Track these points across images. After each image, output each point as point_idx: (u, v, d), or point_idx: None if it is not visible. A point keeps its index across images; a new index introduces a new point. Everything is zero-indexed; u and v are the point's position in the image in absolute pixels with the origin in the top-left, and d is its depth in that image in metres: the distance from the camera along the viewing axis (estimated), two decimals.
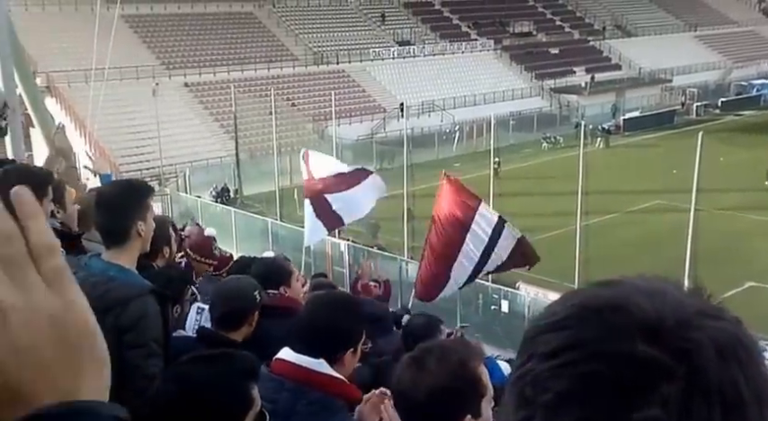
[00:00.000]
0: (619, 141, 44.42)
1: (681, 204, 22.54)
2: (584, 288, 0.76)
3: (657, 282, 0.74)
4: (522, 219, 27.71)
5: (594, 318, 0.70)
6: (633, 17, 71.77)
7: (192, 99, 42.93)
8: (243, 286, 3.75)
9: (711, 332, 0.69)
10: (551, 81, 56.54)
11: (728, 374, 0.67)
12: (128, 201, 3.12)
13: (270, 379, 2.71)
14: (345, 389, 2.73)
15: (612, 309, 0.70)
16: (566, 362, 0.69)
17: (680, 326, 0.69)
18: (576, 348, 0.69)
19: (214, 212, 29.26)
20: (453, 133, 44.20)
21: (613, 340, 0.68)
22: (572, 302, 0.74)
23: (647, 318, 0.69)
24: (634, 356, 0.67)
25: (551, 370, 0.70)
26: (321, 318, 2.82)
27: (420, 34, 58.33)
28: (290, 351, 2.75)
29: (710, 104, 55.39)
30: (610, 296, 0.72)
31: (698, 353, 0.67)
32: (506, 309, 20.16)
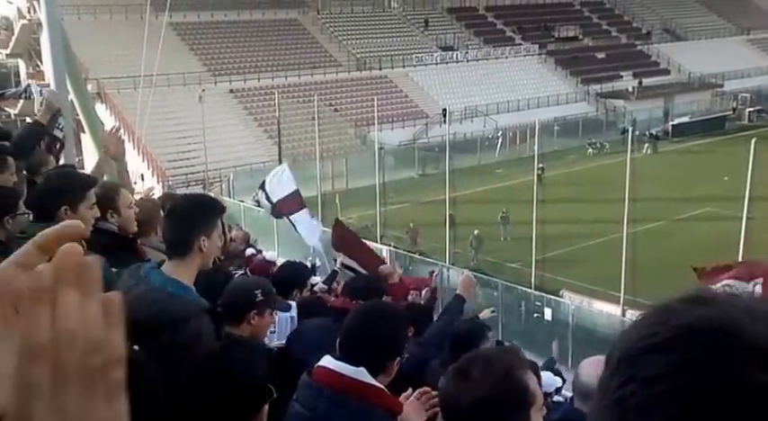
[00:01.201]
0: (667, 147, 43.55)
1: (732, 212, 21.96)
2: (679, 305, 0.71)
3: (754, 301, 0.70)
4: (566, 225, 27.49)
5: (704, 341, 0.66)
6: (682, 20, 70.41)
7: (236, 105, 43.45)
8: (246, 284, 3.88)
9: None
10: (597, 86, 55.77)
11: None
12: (195, 215, 3.13)
13: (309, 386, 2.72)
14: (386, 400, 2.71)
15: (721, 332, 0.66)
16: (677, 388, 0.65)
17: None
18: (687, 373, 0.65)
19: (257, 217, 29.44)
20: (496, 139, 43.87)
21: (727, 366, 0.64)
22: (675, 322, 0.68)
23: (760, 343, 0.65)
24: (751, 384, 0.62)
25: (661, 395, 0.65)
26: (366, 327, 2.84)
27: (463, 39, 58.11)
28: (331, 358, 2.75)
29: (763, 110, 53.89)
30: (716, 317, 0.67)
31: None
32: (549, 316, 19.86)
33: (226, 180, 35.26)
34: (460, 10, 62.15)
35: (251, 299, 3.62)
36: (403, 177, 36.93)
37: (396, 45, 54.41)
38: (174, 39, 44.02)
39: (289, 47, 50.13)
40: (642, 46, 64.53)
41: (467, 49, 56.36)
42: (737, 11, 74.24)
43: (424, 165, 38.59)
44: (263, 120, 41.87)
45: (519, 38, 60.54)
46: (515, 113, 47.41)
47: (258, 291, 3.66)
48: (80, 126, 10.88)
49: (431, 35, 57.43)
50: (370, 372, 2.68)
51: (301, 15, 54.19)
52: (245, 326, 3.58)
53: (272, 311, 3.75)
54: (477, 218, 27.59)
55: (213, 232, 3.10)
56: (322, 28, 53.70)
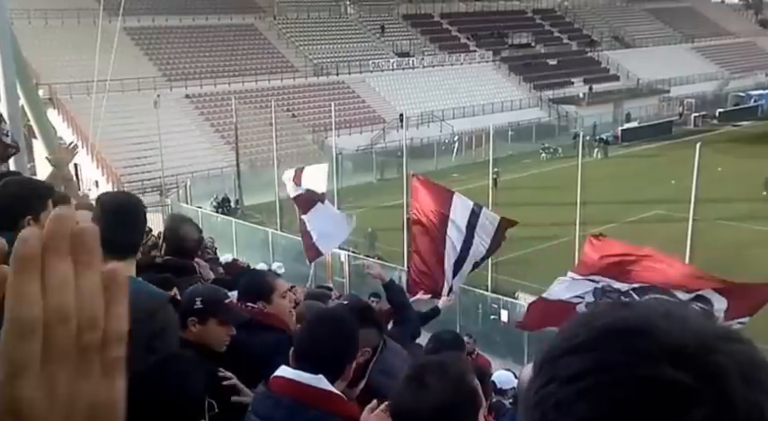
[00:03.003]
0: (617, 152, 44.61)
1: (679, 214, 22.62)
2: (602, 310, 0.76)
3: (673, 305, 0.75)
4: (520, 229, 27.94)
5: (619, 341, 0.69)
6: (631, 28, 72.21)
7: (193, 110, 43.19)
8: (191, 290, 3.83)
9: (734, 356, 0.68)
10: (550, 92, 56.85)
11: (754, 398, 0.66)
12: (140, 216, 3.23)
13: (267, 396, 2.69)
14: (344, 407, 2.69)
15: (636, 333, 0.69)
16: (592, 386, 0.68)
17: (703, 349, 0.68)
18: (602, 372, 0.68)
19: (215, 223, 29.37)
20: (452, 143, 44.40)
21: (640, 364, 0.67)
22: (593, 324, 0.73)
23: (671, 342, 0.68)
24: (660, 380, 0.66)
25: (577, 394, 0.68)
26: (320, 335, 2.81)
27: (419, 46, 58.72)
28: (287, 368, 2.73)
29: (708, 115, 55.55)
30: (632, 319, 0.72)
31: (724, 377, 0.66)
32: (506, 318, 20.18)
33: (183, 186, 35.04)
34: (416, 17, 62.81)
35: (189, 306, 3.57)
36: (361, 182, 37.17)
37: (352, 51, 54.70)
38: (129, 43, 43.58)
39: (245, 52, 50.01)
40: (592, 53, 65.99)
41: (423, 55, 56.99)
42: (683, 19, 76.51)
43: (381, 170, 38.91)
44: (219, 125, 41.71)
45: (473, 45, 61.42)
46: (471, 118, 48.09)
47: (198, 299, 3.59)
48: (32, 132, 10.82)
49: (387, 41, 57.90)
50: (329, 379, 2.67)
51: (258, 21, 54.12)
52: (189, 332, 3.55)
53: (219, 321, 3.60)
54: None
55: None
56: (279, 33, 53.70)
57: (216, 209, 32.97)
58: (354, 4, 60.90)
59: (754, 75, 69.04)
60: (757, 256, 24.99)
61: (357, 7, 60.92)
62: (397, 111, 46.90)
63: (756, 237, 27.11)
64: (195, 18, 50.41)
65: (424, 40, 60.15)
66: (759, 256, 24.95)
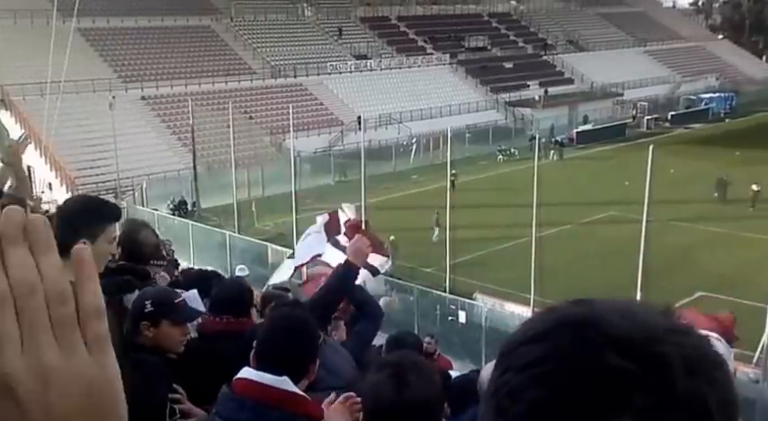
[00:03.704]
0: (572, 154, 45.32)
1: (633, 215, 23.04)
2: (560, 305, 0.79)
3: (629, 302, 0.78)
4: (478, 230, 28.33)
5: (568, 333, 0.73)
6: (584, 32, 73.44)
7: (148, 112, 42.66)
8: (141, 293, 3.80)
9: (681, 348, 0.71)
10: (506, 94, 57.43)
11: (697, 389, 0.69)
12: (79, 219, 3.15)
13: (231, 398, 2.68)
14: (308, 407, 2.69)
15: (587, 324, 0.73)
16: (541, 373, 0.71)
17: (650, 341, 0.71)
18: (551, 360, 0.71)
19: (171, 225, 29.07)
20: (410, 146, 44.62)
21: (586, 352, 0.70)
22: (549, 317, 0.77)
23: (619, 333, 0.71)
24: (606, 368, 0.69)
25: (526, 381, 0.72)
26: (285, 335, 2.81)
27: (377, 48, 58.87)
28: (251, 369, 2.72)
29: (660, 117, 56.72)
30: (585, 313, 0.75)
31: (667, 367, 0.69)
32: (464, 319, 20.30)
33: (138, 188, 34.61)
34: (373, 20, 62.98)
35: (140, 310, 3.56)
36: (319, 184, 37.14)
37: (310, 53, 54.59)
38: (83, 44, 42.88)
39: (202, 54, 49.58)
40: (547, 56, 66.88)
41: (380, 57, 57.18)
42: (635, 24, 78.09)
43: (341, 172, 38.90)
44: (176, 127, 41.27)
45: (430, 47, 61.80)
46: (428, 121, 48.33)
47: (148, 302, 3.56)
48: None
49: (345, 44, 57.93)
50: (293, 379, 2.67)
51: (214, 22, 53.69)
52: (144, 336, 3.53)
53: (172, 323, 3.58)
54: (393, 224, 28.06)
55: (98, 237, 3.09)
56: (236, 35, 53.34)
57: (172, 211, 32.64)
58: (312, 7, 60.81)
59: (705, 78, 70.76)
60: (708, 256, 25.65)
61: (314, 10, 60.84)
62: (356, 114, 47.03)
63: (707, 238, 27.78)
64: (151, 19, 49.81)
65: (382, 42, 60.33)
66: (710, 256, 25.63)
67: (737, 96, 63.92)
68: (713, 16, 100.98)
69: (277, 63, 51.61)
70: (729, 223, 28.68)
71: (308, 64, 52.19)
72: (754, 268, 22.19)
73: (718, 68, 74.34)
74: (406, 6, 67.19)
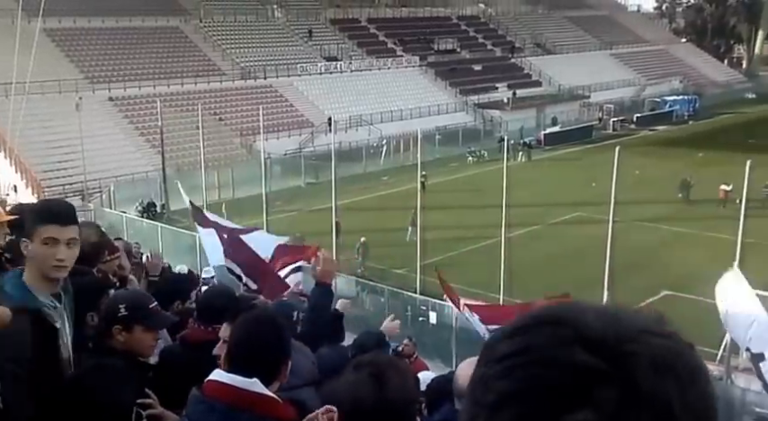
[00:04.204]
0: (540, 155, 45.84)
1: (599, 216, 23.34)
2: (542, 306, 0.84)
3: (610, 305, 0.82)
4: (448, 231, 28.54)
5: (544, 329, 0.77)
6: (551, 35, 74.28)
7: (116, 113, 42.24)
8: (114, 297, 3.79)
9: (651, 347, 0.74)
10: (475, 96, 57.87)
11: (662, 388, 0.71)
12: (23, 221, 3.29)
13: (200, 401, 2.66)
14: (279, 409, 2.67)
15: (561, 323, 0.76)
16: (512, 366, 0.75)
17: (620, 339, 0.74)
18: (523, 353, 0.75)
19: (140, 228, 28.87)
20: (381, 147, 44.76)
21: (555, 348, 0.74)
22: (529, 316, 0.81)
23: (590, 331, 0.75)
24: (571, 362, 0.72)
25: (500, 372, 0.76)
26: (255, 337, 2.79)
27: (347, 50, 58.94)
28: (222, 372, 2.71)
29: (626, 119, 57.61)
30: (562, 312, 0.79)
31: (633, 364, 0.72)
32: (434, 320, 20.40)
33: (106, 190, 34.26)
34: (343, 21, 63.07)
35: (112, 313, 3.53)
36: (290, 186, 37.12)
37: (280, 55, 54.49)
38: (49, 45, 42.41)
39: (170, 55, 49.20)
40: (515, 59, 67.52)
41: (350, 59, 57.26)
42: (601, 27, 79.23)
43: (313, 174, 38.91)
44: (144, 128, 40.92)
45: (400, 50, 62.05)
46: (399, 122, 48.51)
47: (122, 306, 3.52)
48: None
49: (315, 45, 57.91)
50: (264, 381, 2.65)
51: (183, 23, 53.33)
52: (116, 340, 3.50)
53: (145, 328, 3.56)
54: (364, 225, 28.18)
55: (33, 238, 3.11)
56: (205, 36, 53.04)
57: (141, 213, 32.39)
58: (282, 8, 60.70)
59: (669, 81, 72.00)
60: (673, 256, 26.14)
61: (284, 11, 60.74)
62: (326, 115, 47.05)
63: (672, 238, 28.31)
64: (118, 20, 49.30)
65: (352, 44, 60.42)
66: (674, 256, 26.13)
67: (700, 99, 65.15)
68: (676, 20, 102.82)
69: (247, 64, 51.43)
70: (693, 223, 29.27)
71: (278, 65, 52.09)
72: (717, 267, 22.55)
73: (682, 71, 75.70)
74: (376, 8, 67.44)
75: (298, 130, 45.77)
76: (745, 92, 76.21)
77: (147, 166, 37.70)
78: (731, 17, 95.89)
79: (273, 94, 49.51)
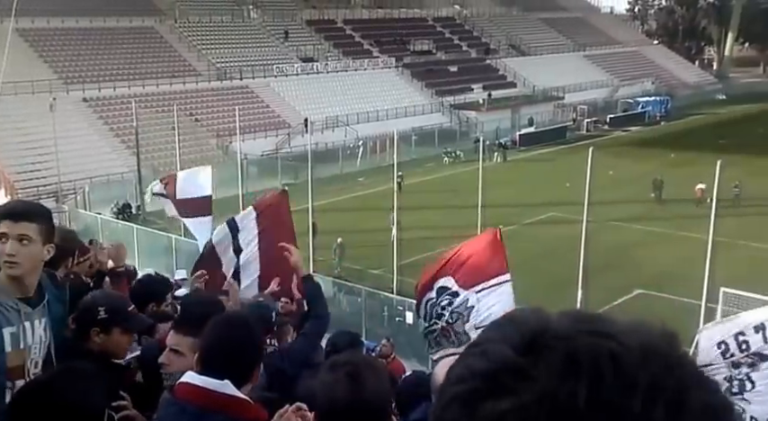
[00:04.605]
0: (516, 156, 46.21)
1: (574, 216, 23.60)
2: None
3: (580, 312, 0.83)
4: (425, 231, 28.67)
5: (493, 327, 0.83)
6: (526, 37, 74.85)
7: (91, 114, 41.90)
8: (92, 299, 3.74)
9: (577, 346, 0.75)
10: (451, 97, 58.17)
11: (572, 388, 0.72)
12: None
13: (171, 403, 2.65)
14: (251, 412, 2.67)
15: (511, 320, 0.82)
16: (461, 359, 0.82)
17: (556, 337, 0.77)
18: (471, 347, 0.82)
19: (115, 229, 28.71)
20: (357, 148, 44.83)
21: (494, 342, 0.79)
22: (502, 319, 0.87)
23: (527, 329, 0.78)
24: (498, 356, 0.77)
25: (456, 364, 0.82)
26: (227, 339, 2.78)
27: (323, 51, 58.97)
28: (194, 374, 2.70)
29: (600, 120, 58.24)
30: (517, 313, 0.84)
31: (545, 361, 0.74)
32: (411, 320, 20.49)
33: (81, 192, 33.99)
34: (319, 22, 63.11)
35: (91, 315, 3.51)
36: (266, 187, 36.89)
37: (256, 55, 54.38)
38: (22, 45, 42.02)
39: (145, 55, 48.89)
40: (490, 60, 67.97)
41: (327, 60, 57.29)
42: (575, 29, 79.99)
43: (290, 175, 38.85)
44: (119, 129, 40.62)
45: (377, 51, 62.22)
46: (375, 123, 48.65)
47: (101, 309, 3.51)
48: None
49: (291, 46, 57.87)
50: (236, 383, 2.65)
51: (158, 24, 53.04)
52: (93, 342, 3.49)
53: (123, 330, 3.56)
54: (340, 226, 28.25)
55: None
56: (180, 37, 52.78)
57: (116, 215, 32.17)
58: (258, 9, 60.58)
59: (641, 82, 72.90)
60: (645, 255, 26.50)
61: (260, 12, 60.63)
62: (302, 116, 47.03)
63: (645, 237, 28.65)
64: (92, 20, 48.92)
65: (328, 45, 60.46)
66: (647, 255, 26.49)
67: (672, 100, 66.07)
68: (648, 22, 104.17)
69: (223, 65, 51.26)
70: (665, 222, 29.69)
71: (255, 66, 51.99)
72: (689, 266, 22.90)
73: (654, 73, 76.69)
74: (352, 10, 67.55)
75: (274, 131, 45.73)
76: (715, 93, 77.33)
77: (122, 167, 37.46)
78: (702, 19, 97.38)
79: (250, 94, 49.40)
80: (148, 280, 6.00)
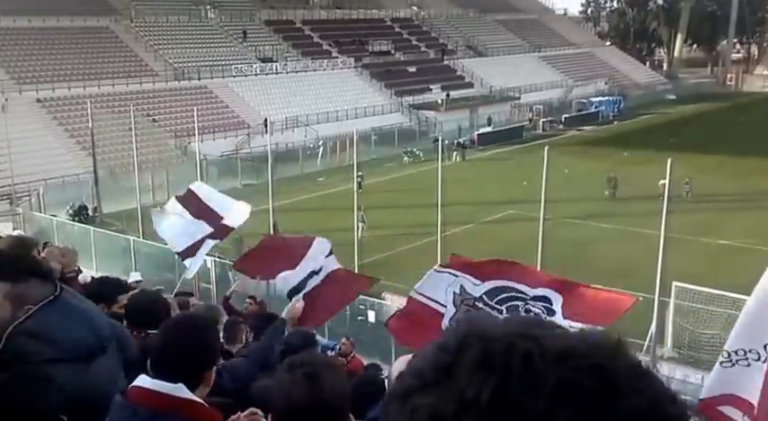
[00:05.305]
0: (474, 155, 46.74)
1: (531, 214, 23.94)
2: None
3: (528, 318, 0.87)
4: (385, 230, 28.91)
5: (453, 328, 0.86)
6: (483, 38, 75.62)
7: (45, 115, 41.20)
8: None
9: (495, 346, 0.78)
10: (410, 98, 58.54)
11: (477, 382, 0.75)
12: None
13: (123, 406, 2.61)
14: (204, 414, 2.66)
15: (459, 323, 0.86)
16: (412, 357, 0.91)
17: (480, 338, 0.80)
18: (424, 347, 0.87)
19: (71, 232, 28.26)
20: (317, 148, 44.88)
21: (438, 343, 0.83)
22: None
23: (464, 330, 0.82)
24: (435, 355, 0.81)
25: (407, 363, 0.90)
26: (178, 342, 2.76)
27: (282, 51, 58.84)
28: (147, 377, 2.67)
29: (555, 120, 59.14)
30: (471, 316, 0.91)
31: (466, 358, 0.78)
32: (373, 319, 20.61)
33: (35, 194, 33.41)
34: (278, 23, 62.92)
35: None
36: (226, 187, 36.46)
37: (215, 55, 54.00)
38: None
39: (101, 55, 48.20)
40: (448, 61, 68.52)
41: (286, 60, 57.18)
42: (530, 30, 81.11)
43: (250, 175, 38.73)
44: (74, 130, 40.03)
45: (336, 51, 62.28)
46: (335, 123, 48.75)
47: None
48: None
49: (250, 46, 57.61)
50: (189, 386, 2.63)
51: (113, 23, 52.32)
52: None
53: None
54: (302, 226, 28.27)
55: None
56: (136, 36, 52.15)
57: (72, 217, 31.69)
58: (215, 9, 60.15)
59: (595, 83, 74.18)
60: (601, 251, 27.11)
61: (218, 12, 60.22)
62: (262, 117, 46.85)
63: (599, 234, 29.29)
64: (46, 19, 48.07)
65: (287, 45, 60.33)
66: (602, 251, 27.11)
67: (624, 100, 67.42)
68: (601, 24, 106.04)
69: (180, 65, 50.80)
70: (619, 219, 30.40)
71: (213, 66, 51.65)
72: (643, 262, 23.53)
73: (607, 73, 78.10)
74: (310, 10, 67.52)
75: (234, 132, 45.52)
76: (665, 93, 79.17)
77: (77, 169, 36.91)
78: (652, 21, 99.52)
79: (208, 95, 49.07)
80: (99, 281, 6.04)
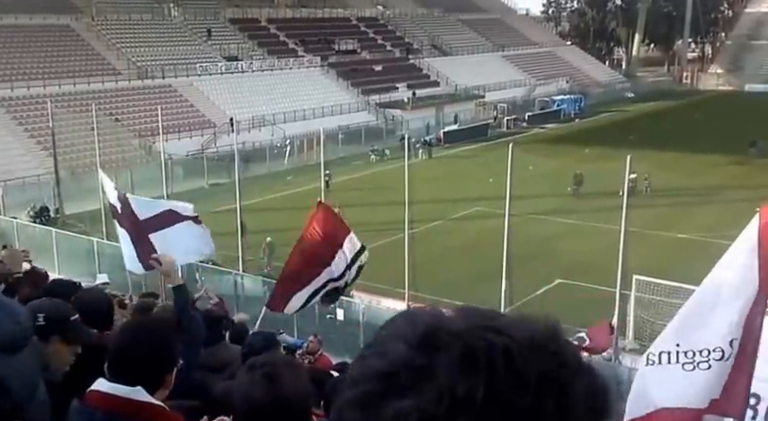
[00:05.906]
0: (440, 153, 47.05)
1: (497, 210, 24.20)
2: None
3: (469, 308, 0.87)
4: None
5: (390, 326, 0.86)
6: (447, 37, 76.13)
7: (3, 114, 40.49)
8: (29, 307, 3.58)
9: (473, 342, 0.78)
10: (376, 96, 58.69)
11: (468, 380, 0.75)
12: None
13: (81, 411, 2.59)
14: (165, 417, 2.64)
15: (405, 319, 0.85)
16: (360, 358, 0.85)
17: (451, 334, 0.79)
18: (371, 346, 0.85)
19: (32, 233, 27.80)
20: (284, 147, 44.75)
21: (392, 341, 0.82)
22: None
23: (423, 326, 0.81)
24: (399, 354, 0.80)
25: (355, 361, 0.86)
26: (136, 345, 2.74)
27: (247, 50, 58.54)
28: (104, 381, 2.63)
29: (519, 118, 59.85)
30: (411, 311, 0.87)
31: (447, 357, 0.77)
32: (341, 316, 20.67)
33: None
34: (243, 21, 62.58)
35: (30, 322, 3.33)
36: (192, 187, 36.54)
37: (179, 54, 53.51)
38: None
39: (61, 54, 47.47)
40: (413, 60, 68.83)
41: (251, 59, 56.92)
42: (493, 30, 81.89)
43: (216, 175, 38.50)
44: (35, 130, 39.36)
45: (301, 50, 62.16)
46: (302, 122, 48.64)
47: (41, 315, 3.39)
48: None
49: (215, 45, 57.20)
50: (148, 389, 2.60)
51: (74, 21, 51.51)
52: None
53: (64, 340, 3.43)
54: (269, 225, 28.26)
55: None
56: (98, 35, 51.43)
57: (33, 219, 31.16)
58: (178, 7, 59.59)
59: (556, 81, 75.14)
60: (564, 247, 27.56)
61: (181, 10, 59.67)
62: (228, 116, 46.63)
63: (563, 229, 29.76)
64: (3, 17, 47.10)
65: (252, 44, 60.04)
66: (566, 246, 27.56)
67: (585, 98, 68.44)
68: (562, 24, 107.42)
69: (144, 64, 50.25)
70: (582, 215, 30.93)
71: (177, 65, 51.16)
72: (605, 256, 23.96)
73: (568, 72, 79.18)
74: (276, 9, 67.26)
75: (199, 131, 45.15)
76: (624, 91, 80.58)
77: (38, 169, 36.32)
78: (611, 21, 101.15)
79: (173, 93, 48.61)
80: (53, 284, 6.00)
